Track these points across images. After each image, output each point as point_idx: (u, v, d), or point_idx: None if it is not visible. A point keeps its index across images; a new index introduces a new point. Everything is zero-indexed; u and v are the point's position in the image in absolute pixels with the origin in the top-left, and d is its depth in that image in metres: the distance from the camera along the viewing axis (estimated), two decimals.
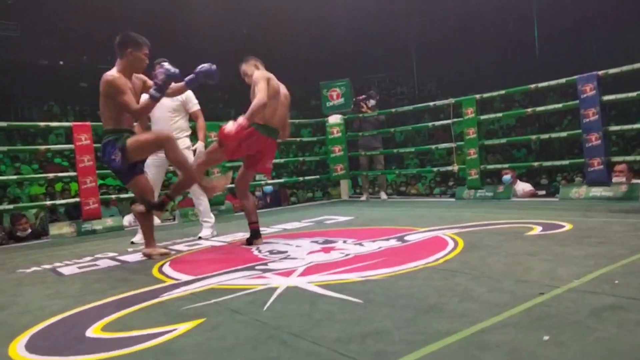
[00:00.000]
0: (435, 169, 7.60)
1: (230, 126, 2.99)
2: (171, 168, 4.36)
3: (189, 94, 3.95)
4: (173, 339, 1.58)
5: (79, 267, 3.00)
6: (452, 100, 5.79)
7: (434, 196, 9.22)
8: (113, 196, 5.21)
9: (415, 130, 9.70)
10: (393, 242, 3.01)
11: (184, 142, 4.07)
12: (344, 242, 3.15)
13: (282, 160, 8.80)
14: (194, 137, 4.31)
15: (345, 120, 6.82)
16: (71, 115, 13.29)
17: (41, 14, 11.81)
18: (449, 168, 6.13)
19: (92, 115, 9.27)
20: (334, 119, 6.79)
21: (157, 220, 4.83)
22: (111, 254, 3.46)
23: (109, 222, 5.25)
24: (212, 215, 4.22)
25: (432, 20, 14.99)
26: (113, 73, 2.90)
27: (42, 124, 6.46)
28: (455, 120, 5.78)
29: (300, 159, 8.61)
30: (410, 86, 18.55)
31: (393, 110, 6.48)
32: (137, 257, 3.24)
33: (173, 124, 4.12)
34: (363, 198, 6.68)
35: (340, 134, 6.76)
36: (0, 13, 13.22)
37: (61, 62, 15.44)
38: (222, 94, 17.50)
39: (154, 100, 2.92)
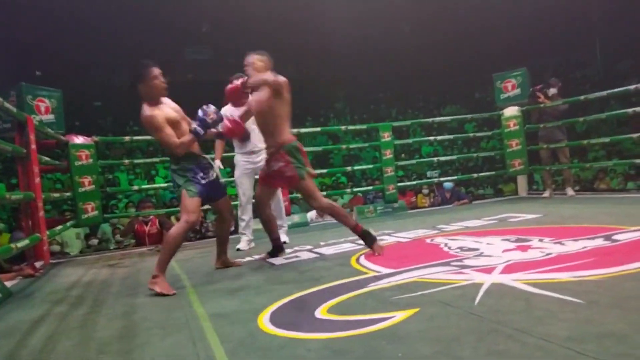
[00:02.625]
0: None
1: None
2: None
3: None
4: (396, 325, 1.71)
5: (285, 259, 3.38)
6: None
7: (627, 191, 8.04)
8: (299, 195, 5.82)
9: (601, 119, 8.42)
10: (600, 242, 2.76)
11: None
12: (540, 240, 2.99)
13: (454, 157, 8.62)
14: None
15: (523, 112, 6.39)
16: None
17: (227, 37, 13.49)
18: None
19: None
20: (511, 111, 6.40)
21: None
22: (308, 247, 3.82)
23: (296, 218, 5.81)
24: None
25: None
26: (145, 111, 2.78)
27: None
28: None
29: (474, 155, 8.28)
30: (593, 67, 16.34)
31: (582, 97, 5.83)
32: (332, 250, 3.53)
33: None
34: (546, 194, 6.17)
35: (517, 127, 6.36)
36: (196, 40, 15.47)
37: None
38: (383, 94, 17.73)
39: (197, 136, 2.81)
